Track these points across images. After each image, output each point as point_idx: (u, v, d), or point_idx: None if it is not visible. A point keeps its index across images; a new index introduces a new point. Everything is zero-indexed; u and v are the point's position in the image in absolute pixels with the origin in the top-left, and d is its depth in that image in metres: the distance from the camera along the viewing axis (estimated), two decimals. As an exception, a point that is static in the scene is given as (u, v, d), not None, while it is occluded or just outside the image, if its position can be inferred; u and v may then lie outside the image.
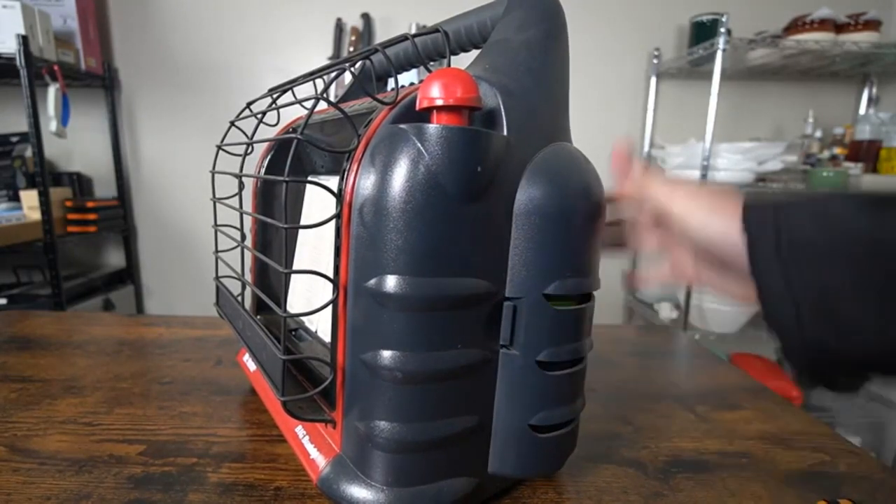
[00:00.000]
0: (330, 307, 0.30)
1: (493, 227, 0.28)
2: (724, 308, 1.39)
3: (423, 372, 0.28)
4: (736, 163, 1.35)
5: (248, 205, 0.48)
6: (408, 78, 1.34)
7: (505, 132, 0.29)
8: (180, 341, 0.63)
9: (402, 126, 0.27)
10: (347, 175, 0.28)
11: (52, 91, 1.30)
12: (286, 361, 0.30)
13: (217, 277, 0.47)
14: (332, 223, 0.29)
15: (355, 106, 0.37)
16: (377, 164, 0.27)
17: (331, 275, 0.29)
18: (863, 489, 0.37)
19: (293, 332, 0.45)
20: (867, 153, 1.47)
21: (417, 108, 0.27)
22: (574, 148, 0.32)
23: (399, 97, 0.29)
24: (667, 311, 1.50)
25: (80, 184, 1.61)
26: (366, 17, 1.52)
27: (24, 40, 1.21)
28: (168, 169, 1.65)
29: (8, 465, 0.36)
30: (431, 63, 0.40)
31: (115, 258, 1.71)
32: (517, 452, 0.32)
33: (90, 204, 1.49)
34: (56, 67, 1.30)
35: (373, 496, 0.29)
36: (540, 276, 0.29)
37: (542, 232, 0.29)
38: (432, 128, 0.26)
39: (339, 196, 0.28)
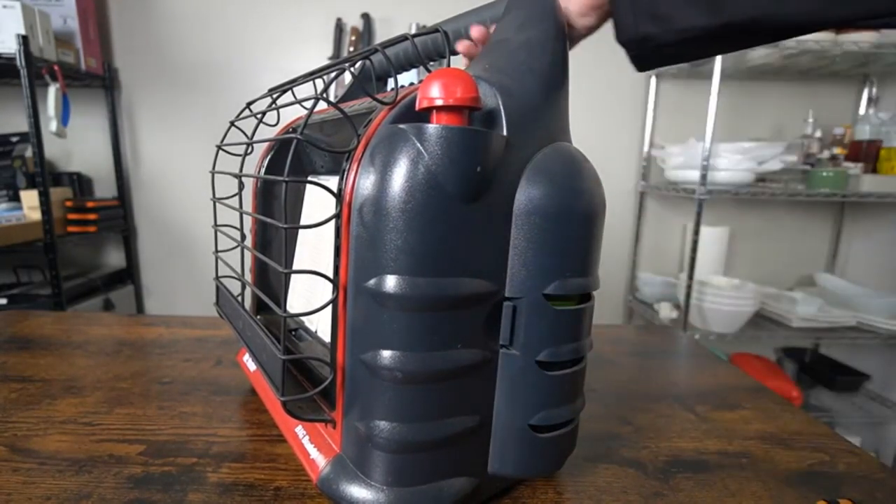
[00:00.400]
0: (330, 307, 0.30)
1: (493, 226, 0.28)
2: (724, 308, 1.39)
3: (422, 372, 0.28)
4: (736, 163, 1.34)
5: (249, 205, 0.48)
6: (407, 78, 1.34)
7: (504, 132, 0.29)
8: (180, 341, 0.63)
9: (402, 126, 0.27)
10: (347, 175, 0.28)
11: (52, 91, 1.30)
12: (286, 361, 0.30)
13: (217, 277, 0.47)
14: (332, 223, 0.29)
15: (355, 106, 0.37)
16: (377, 164, 0.27)
17: (331, 275, 0.29)
18: (863, 489, 0.37)
19: (293, 332, 0.45)
20: (867, 153, 1.47)
21: (417, 108, 0.27)
22: (574, 148, 0.32)
23: (399, 97, 0.29)
24: (667, 311, 1.49)
25: (80, 184, 1.61)
26: (366, 17, 1.52)
27: (24, 40, 1.20)
28: (168, 169, 1.65)
29: (8, 465, 0.36)
30: (431, 63, 0.40)
31: (115, 258, 1.71)
32: (517, 452, 0.32)
33: (90, 204, 1.49)
34: (56, 67, 1.30)
35: (373, 496, 0.29)
36: (540, 276, 0.29)
37: (541, 232, 0.29)
38: (432, 128, 0.26)
39: (338, 196, 0.28)
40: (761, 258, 1.71)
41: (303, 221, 0.46)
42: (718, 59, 1.28)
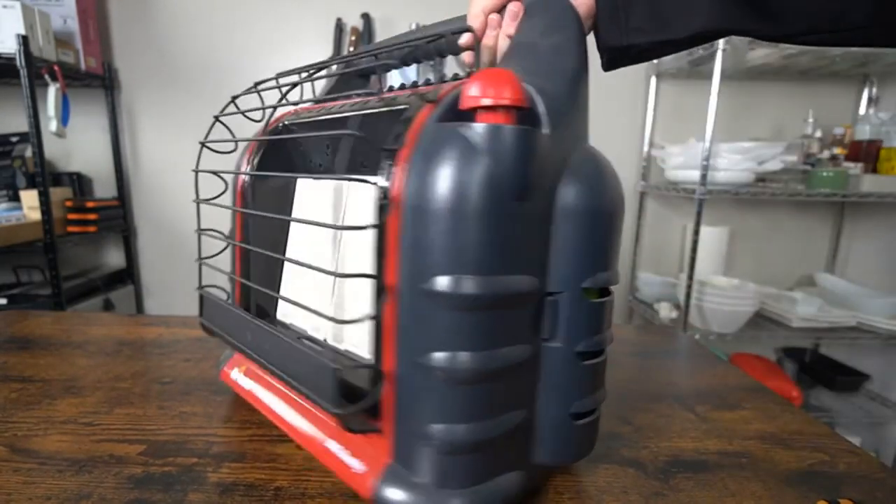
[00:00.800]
0: (369, 312, 0.30)
1: (538, 224, 0.29)
2: (724, 308, 1.39)
3: (478, 371, 0.28)
4: (736, 163, 1.34)
5: (229, 211, 0.44)
6: (405, 75, 1.34)
7: (546, 131, 0.29)
8: (180, 341, 0.63)
9: (456, 125, 0.27)
10: (394, 174, 0.28)
11: (52, 91, 1.30)
12: (336, 370, 0.29)
13: (201, 287, 0.45)
14: (357, 223, 0.29)
15: (370, 102, 0.36)
16: (432, 164, 0.26)
17: (348, 278, 0.29)
18: (863, 489, 0.37)
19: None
20: (867, 153, 1.46)
21: (462, 107, 0.27)
22: (596, 149, 0.33)
23: (440, 95, 0.29)
24: (667, 311, 1.49)
25: (80, 184, 1.61)
26: (366, 17, 1.52)
27: (24, 40, 1.20)
28: (168, 169, 1.65)
29: (8, 466, 0.36)
30: (435, 59, 0.41)
31: (115, 258, 1.71)
32: (559, 441, 0.32)
33: (90, 204, 1.49)
34: (56, 67, 1.30)
35: (434, 502, 0.29)
36: (579, 270, 0.30)
37: (579, 228, 0.30)
38: (488, 127, 0.26)
39: (383, 197, 0.28)
40: (761, 258, 1.71)
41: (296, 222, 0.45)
42: (718, 59, 1.28)
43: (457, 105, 0.28)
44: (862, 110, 1.62)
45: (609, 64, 0.37)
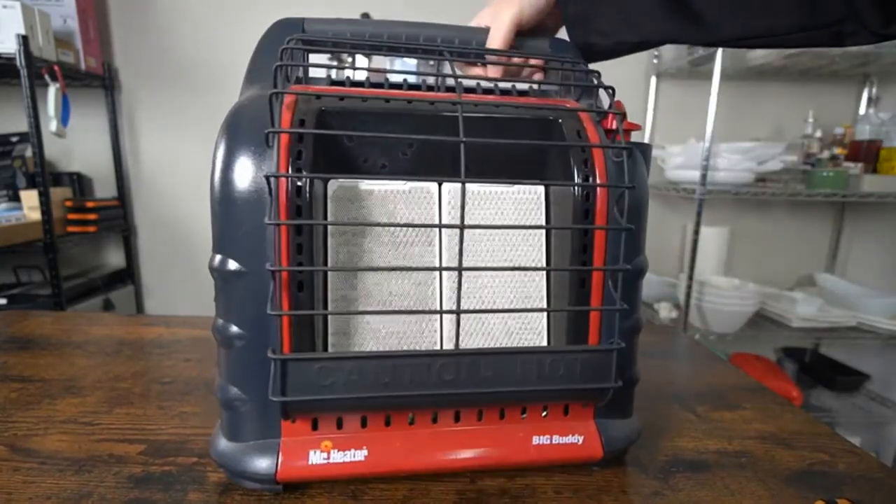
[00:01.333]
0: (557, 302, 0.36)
1: None
2: (725, 308, 1.39)
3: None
4: (736, 163, 1.35)
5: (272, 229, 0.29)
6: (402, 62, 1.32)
7: None
8: (180, 341, 0.63)
9: (637, 143, 0.35)
10: (594, 179, 0.33)
11: (52, 91, 1.30)
12: (615, 350, 0.33)
13: (277, 355, 0.29)
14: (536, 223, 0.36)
15: (510, 104, 0.37)
16: (630, 172, 0.33)
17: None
18: (862, 489, 0.37)
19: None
20: (867, 153, 1.47)
21: (609, 127, 0.35)
22: None
23: (581, 112, 0.37)
24: (667, 311, 1.50)
25: (80, 184, 1.61)
26: (366, 17, 1.53)
27: (24, 40, 1.20)
28: (168, 169, 1.65)
29: (8, 465, 0.36)
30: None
31: (115, 258, 1.71)
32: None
33: (90, 204, 1.49)
34: (56, 67, 1.30)
35: (631, 426, 0.38)
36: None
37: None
38: (648, 145, 0.37)
39: (585, 198, 0.33)
40: (761, 258, 1.71)
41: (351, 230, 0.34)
42: (718, 59, 1.28)
43: (602, 122, 0.36)
44: (862, 110, 1.62)
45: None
